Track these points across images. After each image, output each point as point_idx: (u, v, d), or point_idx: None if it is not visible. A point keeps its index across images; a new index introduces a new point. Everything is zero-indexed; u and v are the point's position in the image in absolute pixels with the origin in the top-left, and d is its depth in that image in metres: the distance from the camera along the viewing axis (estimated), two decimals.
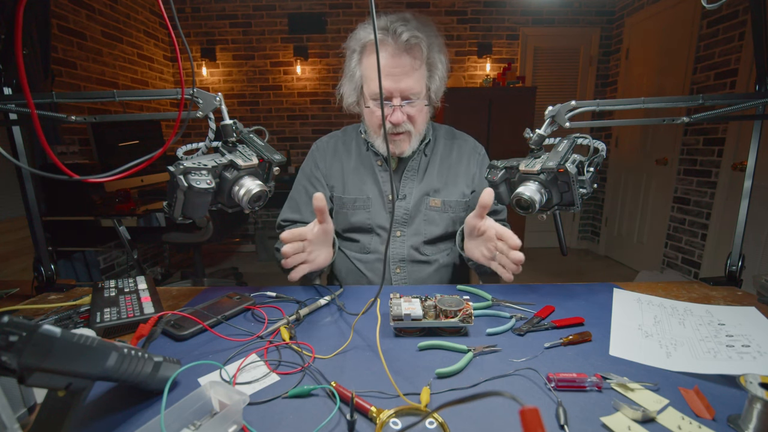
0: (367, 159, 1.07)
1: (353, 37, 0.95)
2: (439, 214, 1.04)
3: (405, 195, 1.04)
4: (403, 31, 0.86)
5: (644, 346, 0.63)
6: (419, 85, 0.92)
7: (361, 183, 1.05)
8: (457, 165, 1.07)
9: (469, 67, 3.71)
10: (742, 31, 2.39)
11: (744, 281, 0.91)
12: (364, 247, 1.05)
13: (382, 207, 1.04)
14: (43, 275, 0.89)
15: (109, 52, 2.86)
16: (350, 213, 1.05)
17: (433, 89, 0.97)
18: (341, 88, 1.01)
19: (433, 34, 0.93)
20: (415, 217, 1.04)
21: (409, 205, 1.04)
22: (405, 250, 1.04)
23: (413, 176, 1.05)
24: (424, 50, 0.90)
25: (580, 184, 0.74)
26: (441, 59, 0.95)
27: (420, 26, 0.90)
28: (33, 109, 0.49)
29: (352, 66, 0.96)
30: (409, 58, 0.88)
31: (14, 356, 0.33)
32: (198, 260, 2.75)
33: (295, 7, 3.60)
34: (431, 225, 1.04)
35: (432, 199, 1.04)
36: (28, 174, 0.85)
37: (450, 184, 1.05)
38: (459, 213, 1.06)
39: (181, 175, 0.64)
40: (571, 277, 3.33)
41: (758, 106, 0.74)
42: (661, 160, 3.07)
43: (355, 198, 1.05)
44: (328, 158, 1.09)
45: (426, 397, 0.50)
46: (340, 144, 1.10)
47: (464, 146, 1.10)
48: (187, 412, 0.45)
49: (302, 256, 0.78)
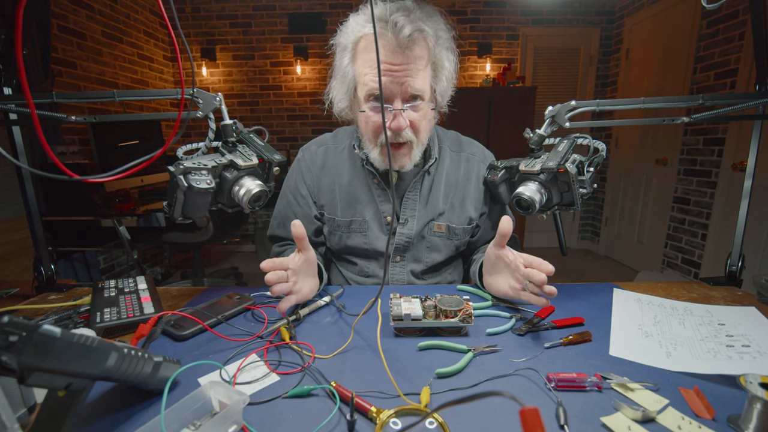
0: (361, 175, 0.94)
1: (344, 31, 0.82)
2: (443, 240, 0.94)
3: (406, 219, 0.92)
4: (404, 24, 0.73)
5: (644, 346, 0.63)
6: (423, 84, 0.79)
7: (356, 202, 0.93)
8: (465, 184, 0.95)
9: (469, 67, 3.71)
10: (742, 31, 2.39)
11: (744, 281, 0.91)
12: (363, 270, 0.97)
13: (380, 230, 0.92)
14: (43, 275, 0.89)
15: (109, 52, 2.86)
16: (345, 236, 0.94)
17: (439, 91, 0.84)
18: (330, 92, 0.88)
19: (441, 27, 0.80)
20: (418, 245, 0.94)
21: (412, 233, 0.92)
22: (405, 276, 0.96)
23: (415, 197, 0.92)
24: (430, 46, 0.77)
25: (580, 184, 0.74)
26: (449, 57, 0.82)
27: (425, 17, 0.77)
28: (33, 109, 0.49)
29: (343, 65, 0.82)
30: (411, 55, 0.75)
31: (14, 356, 0.33)
32: (198, 260, 2.75)
33: (295, 7, 3.60)
34: (433, 252, 0.95)
35: (436, 224, 0.93)
36: (28, 174, 0.85)
37: (456, 207, 0.94)
38: (463, 239, 0.96)
39: (181, 175, 0.64)
40: (571, 277, 3.33)
41: (758, 106, 0.74)
42: (661, 160, 3.07)
43: (350, 221, 0.93)
44: (315, 172, 0.96)
45: (426, 397, 0.50)
46: (330, 155, 0.97)
47: (472, 160, 0.97)
48: (187, 412, 0.45)
49: (287, 286, 0.68)
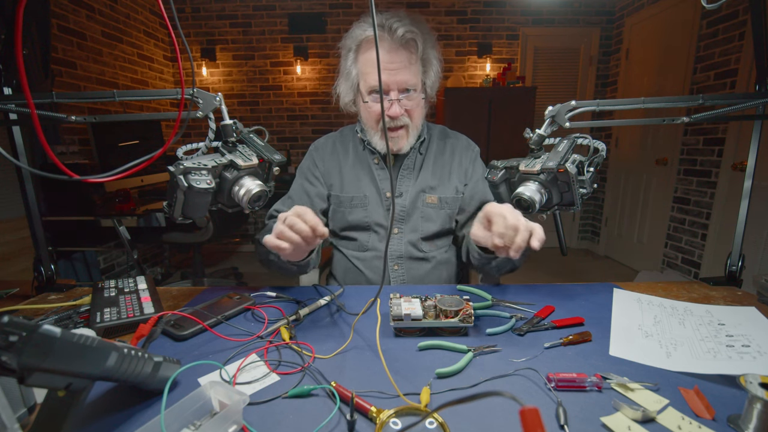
0: (363, 157, 1.08)
1: (349, 36, 0.97)
2: (436, 210, 1.05)
3: (401, 192, 1.05)
4: (398, 27, 0.89)
5: (644, 346, 0.63)
6: (416, 78, 0.94)
7: (358, 181, 1.06)
8: (450, 162, 1.09)
9: (469, 67, 3.71)
10: (742, 31, 2.39)
11: (744, 281, 0.91)
12: (362, 245, 1.06)
13: (379, 204, 1.05)
14: (43, 275, 0.89)
15: (109, 52, 2.86)
16: (347, 211, 1.06)
17: (429, 84, 0.99)
18: (337, 88, 1.03)
19: (426, 31, 0.95)
20: (412, 214, 1.05)
21: (406, 202, 1.05)
22: (403, 246, 1.05)
23: (409, 174, 1.06)
24: (420, 45, 0.92)
25: (580, 184, 0.74)
26: (435, 55, 0.98)
27: (413, 23, 0.92)
28: (33, 109, 0.49)
29: (348, 65, 0.98)
30: (405, 53, 0.91)
31: (14, 356, 0.33)
32: (198, 260, 2.75)
33: (295, 7, 3.60)
34: (428, 222, 1.05)
35: (428, 196, 1.05)
36: (28, 174, 0.85)
37: (444, 181, 1.07)
38: (455, 208, 1.07)
39: (181, 175, 0.64)
40: (571, 277, 3.33)
41: (758, 106, 0.74)
42: (661, 160, 3.07)
43: (352, 196, 1.05)
44: (326, 157, 1.10)
45: (426, 397, 0.50)
46: (338, 143, 1.12)
47: (457, 144, 1.12)
48: (187, 412, 0.45)
49: (306, 231, 0.68)
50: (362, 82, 0.96)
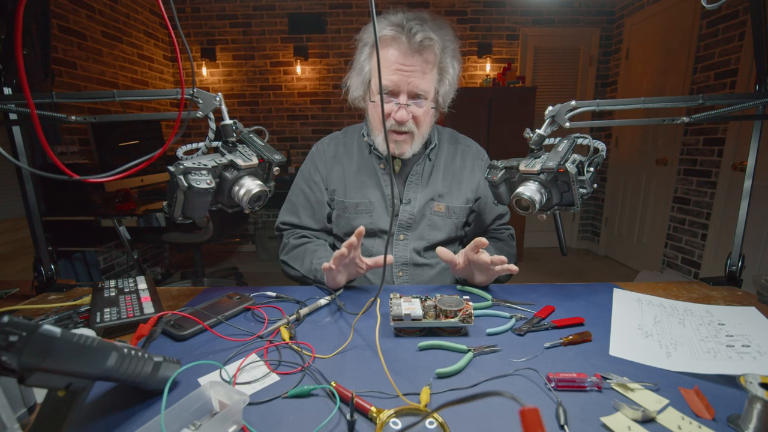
0: (369, 162, 1.05)
1: (367, 29, 0.94)
2: (443, 219, 1.04)
3: (410, 199, 1.02)
4: (418, 31, 0.86)
5: (644, 346, 0.63)
6: (428, 85, 0.91)
7: (363, 187, 1.03)
8: (461, 171, 1.06)
9: (469, 67, 3.71)
10: (742, 31, 2.39)
11: (744, 281, 0.91)
12: (367, 250, 1.03)
13: (384, 211, 1.03)
14: (43, 275, 0.89)
15: (109, 52, 2.86)
16: (352, 217, 1.03)
17: (442, 93, 0.96)
18: (348, 81, 1.00)
19: (449, 38, 0.92)
20: (420, 222, 1.03)
21: (414, 210, 1.02)
22: (408, 253, 1.03)
23: (418, 181, 1.04)
24: (437, 53, 0.89)
25: (580, 184, 0.74)
26: (453, 65, 0.94)
27: (436, 28, 0.89)
28: (33, 109, 0.49)
29: (361, 59, 0.95)
30: (420, 59, 0.88)
31: (14, 356, 0.33)
32: (198, 260, 2.75)
33: (295, 7, 3.59)
34: (435, 230, 1.03)
35: (437, 204, 1.03)
36: (28, 174, 0.85)
37: (454, 190, 1.05)
38: (462, 218, 1.06)
39: (181, 175, 0.64)
40: (571, 277, 3.33)
41: (758, 106, 0.74)
42: (661, 160, 3.07)
43: (357, 202, 1.03)
44: (328, 162, 1.07)
45: (426, 397, 0.50)
46: (341, 146, 1.09)
47: (467, 152, 1.09)
48: (187, 412, 0.45)
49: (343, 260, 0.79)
50: (373, 79, 0.94)
